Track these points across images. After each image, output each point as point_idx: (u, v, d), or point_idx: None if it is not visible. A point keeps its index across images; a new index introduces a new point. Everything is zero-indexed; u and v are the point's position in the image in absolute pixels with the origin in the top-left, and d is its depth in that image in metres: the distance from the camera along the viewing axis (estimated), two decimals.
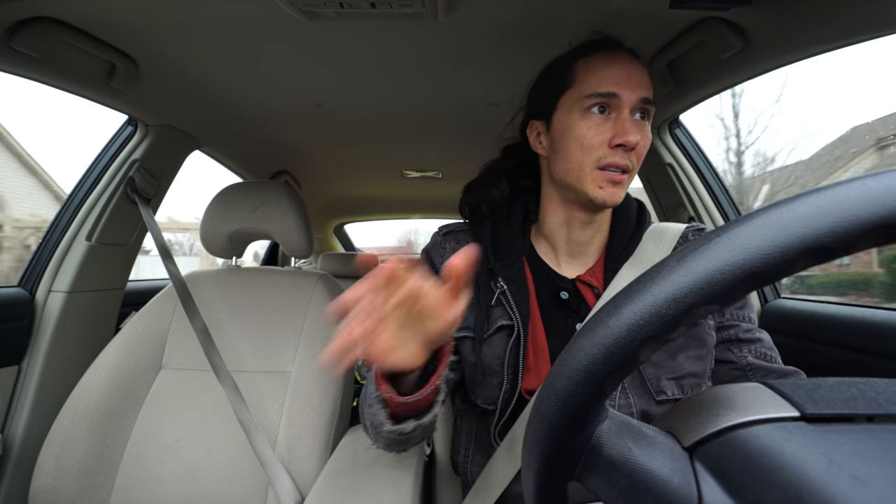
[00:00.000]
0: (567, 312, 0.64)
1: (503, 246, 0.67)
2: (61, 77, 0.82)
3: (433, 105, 1.13)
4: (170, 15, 0.73)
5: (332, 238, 2.95)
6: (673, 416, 0.23)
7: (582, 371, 0.21)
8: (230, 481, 0.81)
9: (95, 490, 0.79)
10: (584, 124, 0.58)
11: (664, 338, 0.20)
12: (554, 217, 0.67)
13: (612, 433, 0.23)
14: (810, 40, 0.67)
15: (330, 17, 0.70)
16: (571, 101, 0.60)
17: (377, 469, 0.69)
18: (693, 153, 1.14)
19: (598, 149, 0.58)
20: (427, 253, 0.74)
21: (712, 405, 0.21)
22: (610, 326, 0.21)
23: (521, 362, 0.61)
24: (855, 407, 0.19)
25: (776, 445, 0.18)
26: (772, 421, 0.19)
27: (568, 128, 0.60)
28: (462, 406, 0.73)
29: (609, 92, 0.57)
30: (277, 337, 0.95)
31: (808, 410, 0.19)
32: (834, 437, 0.18)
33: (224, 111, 1.15)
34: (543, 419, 0.23)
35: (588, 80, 0.59)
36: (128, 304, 1.18)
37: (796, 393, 0.20)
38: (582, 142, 0.58)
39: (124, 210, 1.07)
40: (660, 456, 0.21)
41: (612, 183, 0.58)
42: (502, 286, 0.64)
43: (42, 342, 0.94)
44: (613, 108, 0.59)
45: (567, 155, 0.60)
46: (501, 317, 0.64)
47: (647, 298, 0.20)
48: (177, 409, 0.87)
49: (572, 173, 0.60)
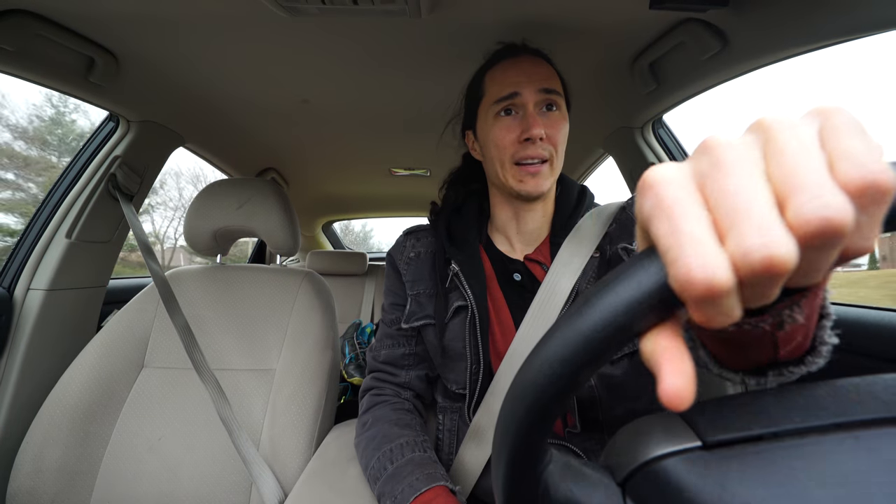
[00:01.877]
0: (522, 291, 0.67)
1: (458, 236, 0.72)
2: (38, 72, 0.80)
3: (420, 103, 1.13)
4: (149, 9, 0.72)
5: (321, 236, 2.94)
6: (609, 451, 0.24)
7: (512, 427, 0.22)
8: (213, 479, 0.81)
9: (75, 490, 0.78)
10: (497, 128, 0.64)
11: (572, 393, 0.21)
12: (502, 212, 0.72)
13: (556, 476, 0.24)
14: (788, 42, 0.69)
15: (312, 13, 0.69)
16: (485, 109, 0.67)
17: (359, 467, 0.70)
18: (676, 153, 1.16)
19: (510, 147, 0.63)
20: (390, 254, 0.79)
21: (636, 439, 0.22)
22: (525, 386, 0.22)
23: (479, 341, 0.64)
24: (750, 428, 0.20)
25: (682, 477, 0.19)
26: (678, 453, 0.20)
27: (486, 134, 0.67)
28: (443, 402, 0.74)
29: (510, 93, 0.63)
30: (262, 335, 0.94)
31: (707, 438, 0.20)
32: (728, 462, 0.19)
33: (208, 107, 1.13)
34: (498, 473, 0.24)
35: (492, 88, 0.66)
36: (110, 302, 1.17)
37: (701, 420, 0.21)
38: (497, 143, 0.64)
39: (106, 207, 1.06)
40: (596, 494, 0.22)
41: (531, 175, 0.63)
42: (455, 269, 0.68)
43: (20, 341, 0.93)
44: (518, 106, 0.64)
45: (490, 158, 0.67)
46: (458, 299, 0.67)
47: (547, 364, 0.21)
48: (159, 408, 0.87)
49: (497, 173, 0.66)
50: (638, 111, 1.07)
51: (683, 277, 0.16)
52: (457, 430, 0.70)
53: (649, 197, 0.18)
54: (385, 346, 0.75)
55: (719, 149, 0.18)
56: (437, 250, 0.73)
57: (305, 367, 0.89)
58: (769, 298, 0.17)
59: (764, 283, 0.16)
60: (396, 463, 0.59)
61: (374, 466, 0.61)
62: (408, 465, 0.59)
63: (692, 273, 0.16)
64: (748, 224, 0.16)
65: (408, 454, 0.61)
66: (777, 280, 0.16)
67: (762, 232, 0.15)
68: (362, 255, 2.36)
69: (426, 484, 0.55)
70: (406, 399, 0.74)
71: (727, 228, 0.16)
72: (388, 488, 0.56)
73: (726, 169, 0.17)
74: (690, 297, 0.16)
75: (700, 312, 0.17)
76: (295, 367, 0.89)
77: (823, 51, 0.68)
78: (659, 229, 0.18)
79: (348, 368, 1.48)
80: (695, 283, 0.16)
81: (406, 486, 0.55)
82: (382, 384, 0.75)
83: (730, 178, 0.17)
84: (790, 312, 0.21)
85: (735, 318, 0.17)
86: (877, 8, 0.57)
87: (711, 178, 0.17)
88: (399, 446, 0.62)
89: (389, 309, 0.76)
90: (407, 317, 0.72)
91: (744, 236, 0.15)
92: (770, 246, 0.15)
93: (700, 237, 0.16)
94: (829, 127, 0.17)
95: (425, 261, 0.74)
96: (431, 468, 0.59)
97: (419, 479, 0.56)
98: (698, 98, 0.94)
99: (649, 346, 0.19)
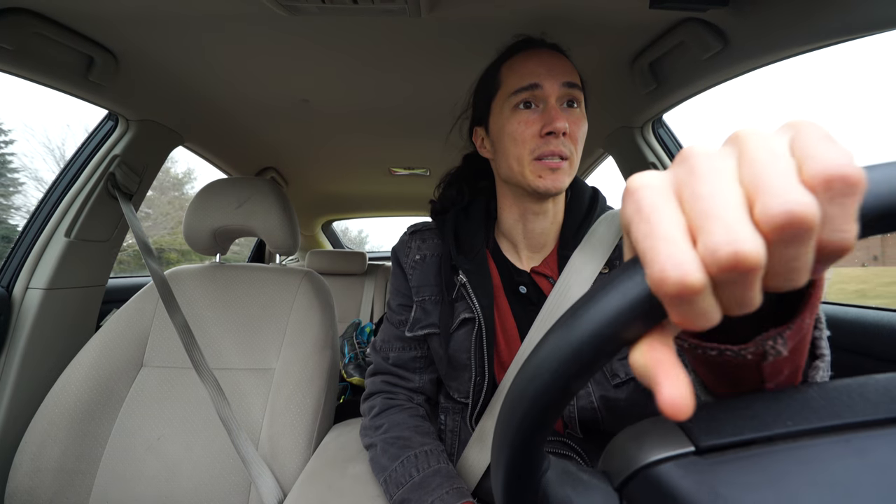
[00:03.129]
0: (528, 305, 0.65)
1: (465, 241, 0.69)
2: (37, 70, 0.80)
3: (419, 102, 1.13)
4: (149, 8, 0.72)
5: (320, 235, 2.94)
6: (607, 456, 0.24)
7: (509, 436, 0.23)
8: (212, 479, 0.81)
9: (74, 489, 0.78)
10: (515, 121, 0.60)
11: (564, 403, 0.21)
12: (509, 213, 0.69)
13: (554, 483, 0.24)
14: (788, 41, 0.69)
15: (311, 11, 0.69)
16: (501, 102, 0.63)
17: (358, 466, 0.70)
18: (676, 153, 1.16)
19: (530, 141, 0.59)
20: (395, 252, 0.76)
21: (631, 444, 0.22)
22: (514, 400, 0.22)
23: (485, 354, 0.63)
24: (743, 433, 0.20)
25: (676, 482, 0.19)
26: (672, 459, 0.20)
27: (501, 128, 0.62)
28: (445, 403, 0.74)
29: (531, 84, 0.59)
30: (261, 334, 0.94)
31: (701, 443, 0.20)
32: (720, 467, 0.19)
33: (207, 107, 1.13)
34: (497, 480, 0.25)
35: (510, 79, 0.62)
36: (109, 301, 1.17)
37: (695, 425, 0.21)
38: (515, 137, 0.60)
39: (105, 206, 1.06)
40: (595, 499, 0.22)
41: (551, 170, 0.60)
42: (462, 279, 0.66)
43: (19, 340, 0.93)
44: (539, 99, 0.60)
45: (506, 153, 0.63)
46: (464, 310, 0.65)
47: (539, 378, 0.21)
48: (158, 407, 0.86)
49: (513, 169, 0.62)
50: (638, 111, 1.07)
51: (658, 276, 0.17)
52: (459, 431, 0.70)
53: (630, 203, 0.19)
54: (394, 349, 0.74)
55: (696, 158, 0.19)
56: (443, 254, 0.70)
57: (305, 367, 0.89)
58: (749, 303, 0.17)
59: (737, 282, 0.17)
60: (423, 472, 0.59)
61: (398, 470, 0.61)
62: (435, 476, 0.59)
63: (665, 272, 0.17)
64: (717, 224, 0.16)
65: (433, 464, 0.61)
66: (749, 279, 0.16)
67: (729, 230, 0.16)
68: (362, 254, 2.36)
69: (457, 499, 0.55)
70: (419, 404, 0.73)
71: (698, 230, 0.17)
72: (416, 497, 0.57)
73: (701, 176, 0.18)
74: (665, 296, 0.17)
75: (677, 313, 0.18)
76: (294, 366, 0.89)
77: (823, 50, 0.68)
78: (637, 232, 0.18)
79: (348, 368, 1.48)
80: (668, 281, 0.17)
81: (437, 499, 0.55)
82: (395, 388, 0.74)
83: (704, 184, 0.18)
84: (773, 344, 0.21)
85: (714, 320, 0.18)
86: (876, 7, 0.57)
87: (687, 185, 0.18)
88: (424, 454, 0.62)
89: (398, 310, 0.74)
90: (411, 324, 0.70)
91: (712, 234, 0.16)
92: (735, 243, 0.16)
93: (674, 238, 0.17)
94: (799, 136, 0.18)
95: (431, 265, 0.71)
96: (459, 482, 0.59)
97: (450, 494, 0.56)
98: (698, 98, 0.94)
99: (641, 359, 0.19)
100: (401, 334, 0.73)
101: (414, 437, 0.65)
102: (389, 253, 0.80)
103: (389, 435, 0.66)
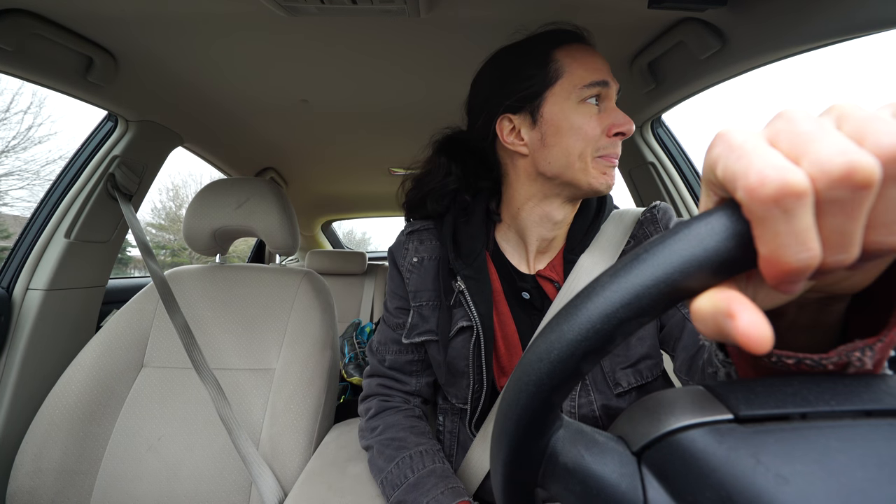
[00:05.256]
0: (531, 310, 0.64)
1: (465, 244, 0.65)
2: (36, 71, 0.80)
3: (419, 102, 1.13)
4: (148, 9, 0.72)
5: (320, 235, 2.94)
6: (624, 421, 0.24)
7: (532, 384, 0.22)
8: (213, 479, 0.81)
9: (75, 490, 0.78)
10: (584, 114, 0.57)
11: (603, 350, 0.20)
12: (530, 214, 0.63)
13: (566, 441, 0.23)
14: (786, 41, 0.69)
15: (311, 12, 0.69)
16: (564, 92, 0.57)
17: (359, 466, 0.70)
18: (675, 152, 1.16)
19: (599, 138, 0.57)
20: (392, 253, 0.74)
21: (658, 409, 0.22)
22: (552, 342, 0.21)
23: (483, 362, 0.62)
24: (785, 406, 0.19)
25: (710, 448, 0.19)
26: (707, 424, 0.20)
27: (564, 120, 0.57)
28: (443, 405, 0.74)
29: (602, 80, 0.57)
30: (261, 334, 0.94)
31: (741, 412, 0.20)
32: (763, 437, 0.19)
33: (207, 107, 1.13)
34: (503, 432, 0.24)
35: (579, 71, 0.57)
36: (109, 301, 1.17)
37: (732, 395, 0.21)
38: (582, 132, 0.56)
39: (104, 206, 1.06)
40: (609, 461, 0.22)
41: (612, 168, 0.59)
42: (461, 286, 0.63)
43: (20, 341, 0.93)
44: (603, 97, 0.58)
45: (565, 147, 0.57)
46: (462, 318, 0.63)
47: (584, 315, 0.20)
48: (159, 408, 0.87)
49: (572, 165, 0.57)
50: (636, 110, 1.07)
51: (756, 179, 0.16)
52: (458, 433, 0.70)
53: (718, 143, 0.18)
54: (391, 352, 0.72)
55: (794, 111, 0.18)
56: (441, 257, 0.67)
57: (305, 367, 0.89)
58: (849, 242, 0.16)
59: (845, 204, 0.15)
60: (418, 473, 0.59)
61: (393, 472, 0.61)
62: (430, 476, 0.59)
63: (764, 172, 0.15)
64: (825, 143, 0.15)
65: (429, 464, 0.61)
66: (857, 202, 0.15)
67: (841, 146, 0.15)
68: (362, 254, 2.36)
69: (452, 499, 0.55)
70: (416, 406, 0.73)
71: (802, 155, 0.16)
72: (411, 497, 0.57)
73: (802, 120, 0.17)
74: (762, 204, 0.16)
75: (770, 237, 0.16)
76: (294, 366, 0.89)
77: (822, 50, 0.68)
78: (727, 161, 0.17)
79: (348, 368, 1.48)
80: (768, 182, 0.15)
81: (432, 500, 0.55)
82: (390, 391, 0.73)
83: (806, 125, 0.17)
84: (860, 356, 0.20)
85: (810, 256, 0.16)
86: (875, 7, 0.57)
87: (786, 130, 0.17)
88: (419, 454, 0.62)
89: (395, 313, 0.72)
90: (408, 331, 0.68)
91: (821, 151, 0.15)
92: (849, 153, 0.15)
93: (772, 152, 0.16)
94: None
95: (428, 269, 0.68)
96: (454, 482, 0.59)
97: (445, 494, 0.56)
98: (697, 97, 0.94)
99: (708, 302, 0.18)
100: (397, 337, 0.71)
101: (409, 437, 0.65)
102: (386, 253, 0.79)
103: (385, 436, 0.66)
